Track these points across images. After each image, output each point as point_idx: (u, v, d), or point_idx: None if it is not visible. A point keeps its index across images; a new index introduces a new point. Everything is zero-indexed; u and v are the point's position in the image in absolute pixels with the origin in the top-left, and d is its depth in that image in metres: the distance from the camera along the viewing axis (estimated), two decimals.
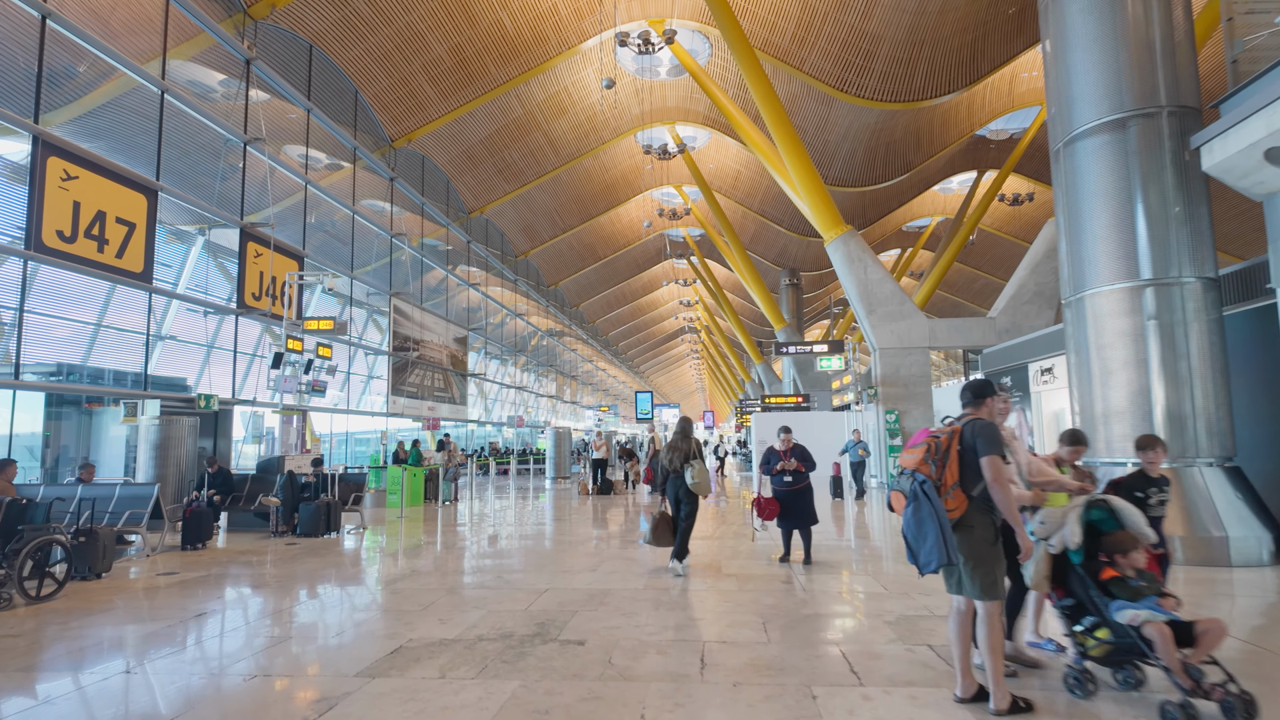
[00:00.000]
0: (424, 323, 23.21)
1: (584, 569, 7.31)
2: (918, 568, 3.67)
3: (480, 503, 15.27)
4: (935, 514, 3.58)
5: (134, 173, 12.92)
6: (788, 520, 7.54)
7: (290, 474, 10.29)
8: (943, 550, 3.55)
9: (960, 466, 3.59)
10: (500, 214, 28.36)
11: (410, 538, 9.99)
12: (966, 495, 3.58)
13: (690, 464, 6.95)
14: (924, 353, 17.21)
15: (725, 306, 36.77)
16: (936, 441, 3.69)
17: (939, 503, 3.59)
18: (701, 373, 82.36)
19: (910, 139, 25.26)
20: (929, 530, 3.61)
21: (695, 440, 7.27)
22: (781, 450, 7.67)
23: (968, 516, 3.58)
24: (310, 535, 9.93)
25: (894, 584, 6.47)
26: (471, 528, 11.05)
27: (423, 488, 14.52)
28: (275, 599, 6.20)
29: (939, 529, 3.56)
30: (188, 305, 15.43)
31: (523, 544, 9.17)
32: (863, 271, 17.28)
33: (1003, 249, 36.23)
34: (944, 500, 3.60)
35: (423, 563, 7.89)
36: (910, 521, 3.72)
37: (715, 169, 29.52)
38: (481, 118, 22.65)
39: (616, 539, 9.45)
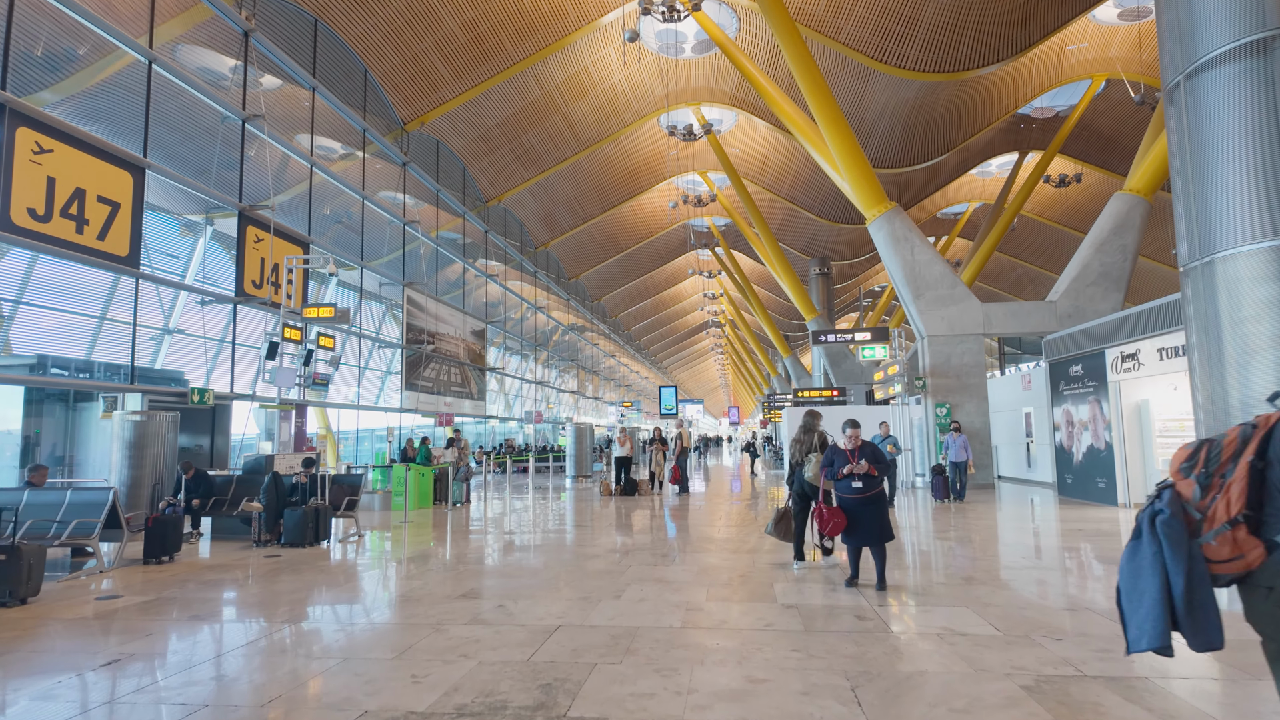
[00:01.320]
0: (440, 315, 21.96)
1: (606, 594, 5.88)
2: (1126, 641, 2.19)
3: (493, 505, 13.92)
4: (1166, 562, 2.08)
5: (117, 148, 11.73)
6: (857, 535, 6.03)
7: (275, 475, 8.99)
8: (1160, 625, 2.07)
9: (1257, 489, 2.06)
10: (519, 203, 27.05)
11: (406, 549, 8.63)
12: (1266, 539, 2.05)
13: (808, 458, 6.83)
14: (977, 340, 15.54)
15: (752, 298, 35.15)
16: (1213, 446, 2.17)
17: (1179, 545, 2.08)
18: (725, 368, 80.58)
19: (951, 115, 23.47)
20: (1148, 587, 2.11)
21: (821, 433, 7.02)
22: (848, 449, 6.17)
23: (1265, 573, 2.06)
24: (296, 545, 8.63)
25: (1004, 621, 4.95)
26: (478, 536, 9.68)
27: (431, 489, 13.20)
28: (211, 640, 4.84)
29: (1163, 589, 2.07)
30: (193, 296, 14.30)
31: (534, 558, 7.76)
32: (909, 252, 15.64)
33: (1044, 236, 34.14)
34: (1207, 542, 2.09)
35: (413, 584, 6.51)
36: (1125, 570, 2.23)
37: (741, 153, 27.93)
38: (498, 99, 21.33)
39: (645, 552, 8.00)
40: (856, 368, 26.48)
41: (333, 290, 19.99)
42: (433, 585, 6.40)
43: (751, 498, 14.68)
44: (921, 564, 7.11)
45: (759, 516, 11.33)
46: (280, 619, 5.30)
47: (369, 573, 7.09)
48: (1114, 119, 26.22)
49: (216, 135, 14.53)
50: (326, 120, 17.35)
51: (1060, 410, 13.46)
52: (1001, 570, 6.73)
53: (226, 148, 14.60)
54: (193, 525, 9.37)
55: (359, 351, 18.61)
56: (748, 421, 75.20)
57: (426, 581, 6.58)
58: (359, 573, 7.09)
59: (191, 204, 15.10)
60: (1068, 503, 12.48)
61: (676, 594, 5.88)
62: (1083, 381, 12.64)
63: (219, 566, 7.52)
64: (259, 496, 8.89)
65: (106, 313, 12.43)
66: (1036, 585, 6.08)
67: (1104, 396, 11.97)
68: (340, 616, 5.36)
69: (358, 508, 9.49)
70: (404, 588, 6.33)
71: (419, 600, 5.81)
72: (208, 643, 4.74)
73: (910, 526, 9.78)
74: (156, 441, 9.70)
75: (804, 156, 26.29)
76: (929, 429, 15.53)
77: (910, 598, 5.67)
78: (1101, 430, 12.07)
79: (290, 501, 9.18)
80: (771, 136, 26.38)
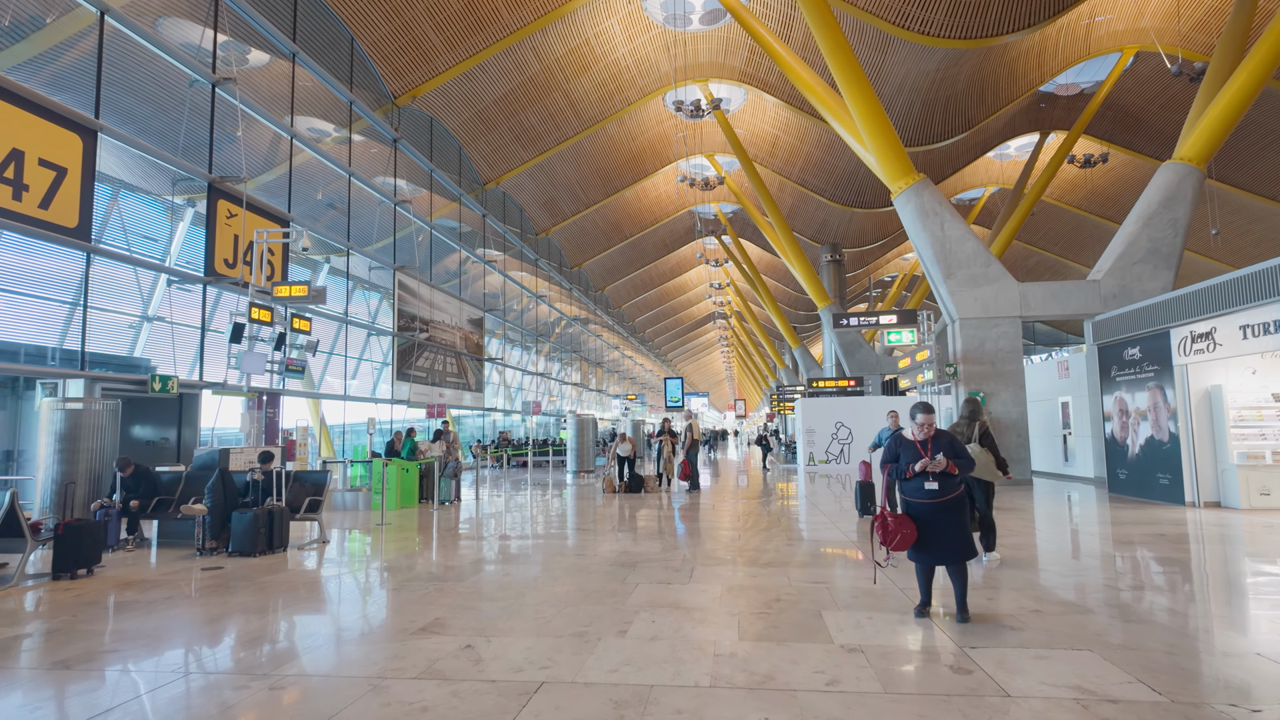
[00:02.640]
0: (434, 301, 20.56)
1: (608, 627, 4.48)
2: None
3: (485, 504, 12.54)
4: None
5: (62, 105, 10.33)
6: (930, 551, 4.61)
7: (223, 473, 7.60)
8: None
9: None
10: (518, 186, 25.60)
11: (373, 560, 7.24)
12: None
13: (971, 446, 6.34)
14: (1014, 323, 14.07)
15: (760, 288, 33.67)
16: None
17: None
18: (730, 360, 79.08)
19: (974, 91, 21.93)
20: None
21: (982, 422, 6.54)
22: (918, 439, 4.74)
23: None
24: (245, 554, 7.24)
25: (1156, 675, 3.52)
26: (461, 543, 8.28)
27: (417, 486, 11.82)
28: (52, 706, 3.45)
29: None
30: (174, 281, 12.93)
31: (522, 572, 6.36)
32: (939, 227, 14.17)
33: (1062, 222, 32.57)
34: None
35: (365, 611, 5.12)
36: None
37: (750, 135, 26.42)
38: (494, 73, 19.87)
39: (655, 564, 6.59)
40: (871, 357, 25.00)
41: (324, 277, 18.63)
42: (389, 612, 5.00)
43: (767, 495, 13.27)
44: (990, 581, 5.68)
45: (780, 518, 9.92)
46: (169, 669, 3.90)
47: (315, 594, 5.70)
48: (1141, 96, 24.64)
49: (185, 102, 13.15)
50: (309, 94, 15.93)
51: (1112, 398, 12.00)
52: (1103, 591, 5.31)
53: (195, 116, 13.23)
54: (129, 531, 7.99)
55: (345, 339, 17.24)
56: (753, 415, 73.75)
57: (384, 608, 5.18)
58: (303, 594, 5.70)
59: (171, 184, 13.74)
60: (1122, 501, 11.04)
61: (698, 628, 4.47)
62: (1140, 366, 11.18)
63: (139, 584, 6.14)
64: (205, 497, 7.51)
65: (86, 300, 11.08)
66: (1166, 615, 4.65)
67: (1168, 382, 10.51)
68: (249, 664, 3.96)
69: (322, 509, 8.10)
70: (351, 616, 4.93)
71: (365, 637, 4.41)
72: (46, 712, 3.34)
73: None
74: (93, 434, 8.32)
75: (816, 137, 24.79)
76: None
77: (1008, 635, 4.25)
78: (1164, 420, 10.61)
79: (243, 503, 7.81)
80: (782, 116, 24.88)
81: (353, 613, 5.03)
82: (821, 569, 6.21)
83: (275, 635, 4.52)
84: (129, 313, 12.75)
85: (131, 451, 12.88)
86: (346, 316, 17.08)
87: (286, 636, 4.50)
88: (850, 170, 25.84)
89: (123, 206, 13.53)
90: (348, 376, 17.25)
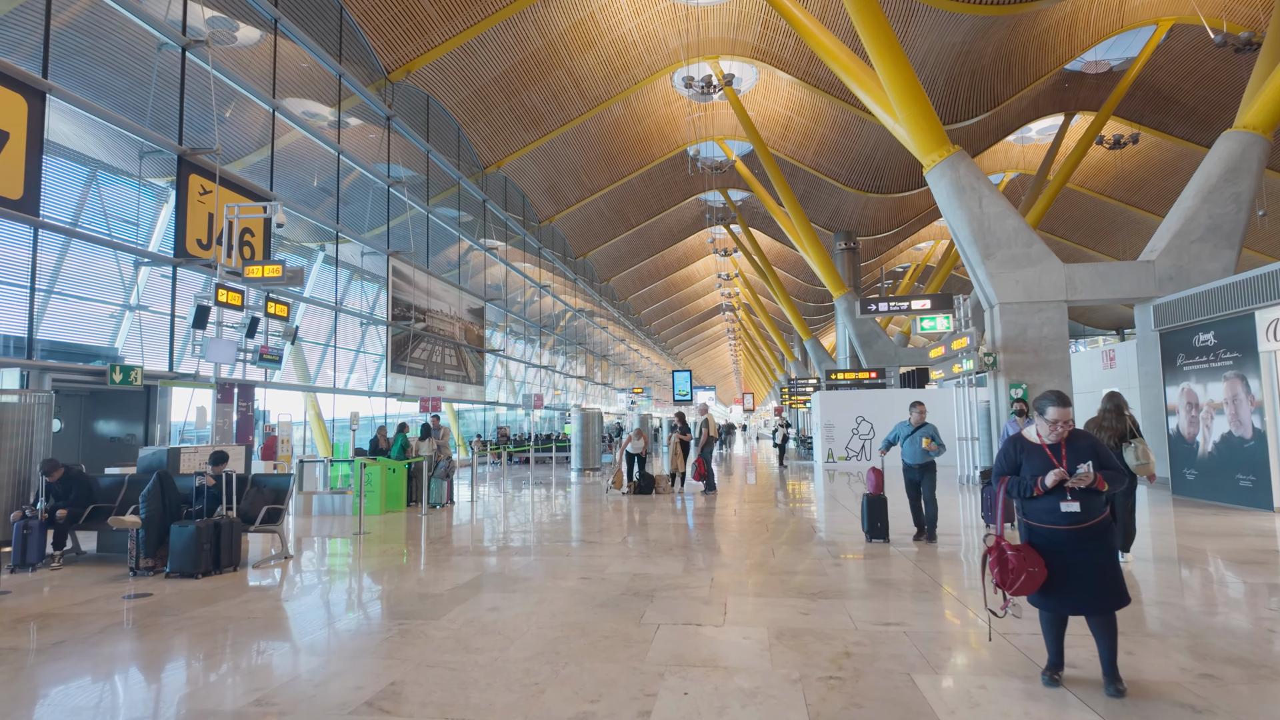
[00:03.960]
0: (432, 290, 19.28)
1: (624, 705, 3.19)
2: None
3: (480, 507, 11.27)
4: None
5: (3, 63, 9.07)
6: (1066, 595, 3.29)
7: (162, 477, 6.32)
8: None
9: None
10: (520, 171, 24.26)
11: (336, 585, 5.96)
12: None
13: (1130, 443, 5.76)
14: (1059, 308, 12.70)
15: (771, 278, 32.29)
16: None
17: None
18: (737, 353, 77.65)
19: (1000, 66, 20.49)
20: None
21: (1131, 416, 5.97)
22: (1046, 442, 3.43)
23: None
24: (187, 575, 5.98)
25: None
26: (445, 560, 7.00)
27: (405, 488, 10.54)
28: None
29: None
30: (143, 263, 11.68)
31: (511, 607, 5.07)
32: (976, 203, 12.79)
33: (1083, 209, 31.06)
34: None
35: (299, 668, 3.84)
36: None
37: (762, 117, 25.00)
38: (494, 48, 18.52)
39: (679, 595, 5.29)
40: (889, 348, 23.64)
41: (319, 268, 17.32)
42: (333, 670, 3.71)
43: (791, 497, 11.96)
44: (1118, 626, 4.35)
45: (814, 527, 8.61)
46: None
47: (244, 640, 4.41)
48: (1174, 74, 23.12)
49: (153, 68, 11.86)
50: (294, 65, 14.63)
51: (1177, 390, 10.64)
52: (1275, 639, 3.99)
53: (165, 83, 11.94)
54: (57, 544, 6.73)
55: (336, 330, 15.96)
56: (760, 409, 72.38)
57: (326, 659, 3.90)
58: (230, 639, 4.41)
59: (154, 166, 12.45)
60: (1194, 505, 9.68)
61: (752, 708, 3.16)
62: (1215, 354, 9.81)
63: (36, 618, 4.86)
64: (139, 507, 6.24)
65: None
66: None
67: (1251, 371, 9.15)
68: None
69: (283, 519, 6.82)
70: (279, 677, 3.64)
71: (298, 709, 3.13)
72: None
73: None
74: (19, 432, 7.07)
75: (831, 118, 23.38)
76: (1001, 416, 12.75)
77: (1188, 718, 2.94)
78: (1247, 414, 9.24)
79: (189, 512, 6.54)
80: (795, 97, 23.48)
81: (282, 672, 3.75)
82: (889, 602, 4.91)
83: (164, 713, 3.24)
84: (92, 298, 11.49)
85: (95, 450, 11.67)
86: (338, 305, 15.81)
87: (171, 714, 3.21)
88: (866, 153, 24.43)
89: (103, 190, 12.28)
90: (337, 368, 15.99)
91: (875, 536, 7.16)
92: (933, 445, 7.00)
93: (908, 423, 7.35)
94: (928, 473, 7.18)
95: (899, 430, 7.37)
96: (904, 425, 7.36)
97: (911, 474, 7.24)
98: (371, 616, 4.77)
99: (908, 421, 7.36)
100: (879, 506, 7.20)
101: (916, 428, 7.21)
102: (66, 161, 11.67)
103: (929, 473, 7.18)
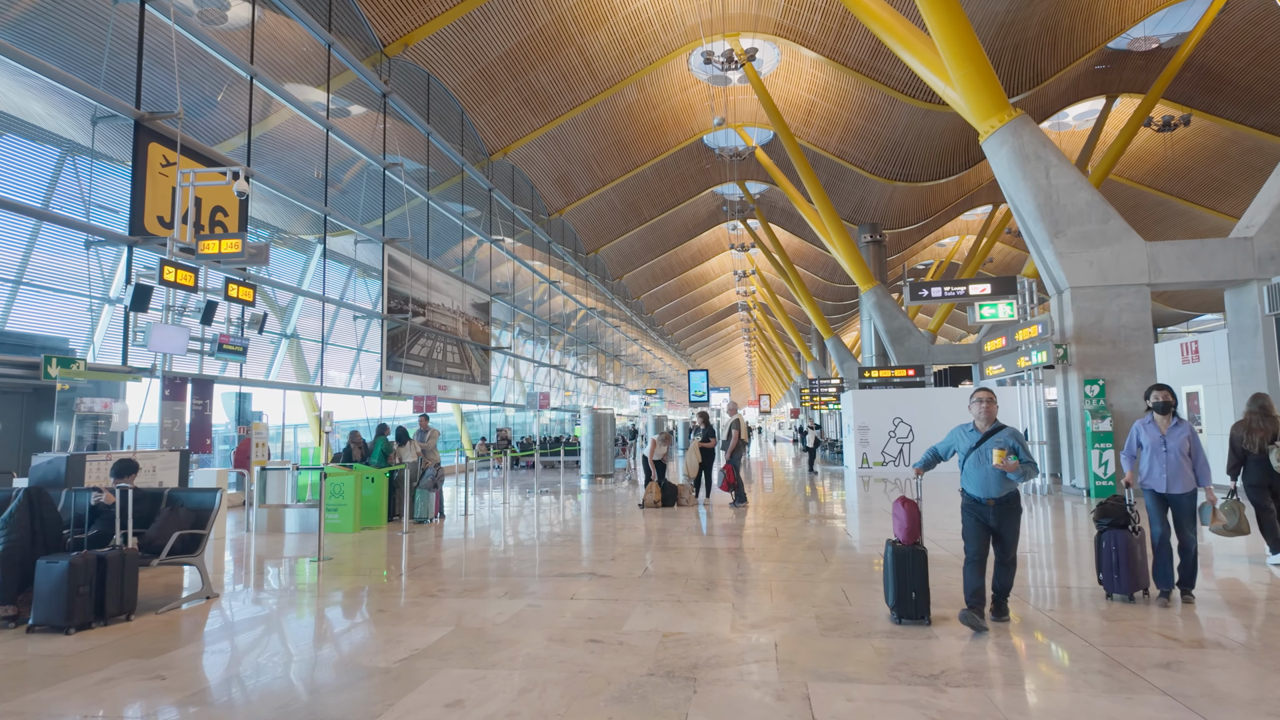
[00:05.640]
0: (432, 281, 17.67)
1: None
2: None
3: (475, 520, 9.59)
4: None
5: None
6: None
7: (33, 495, 4.67)
8: None
9: None
10: (528, 159, 22.65)
11: (256, 648, 4.27)
12: None
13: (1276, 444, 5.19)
14: (1140, 292, 10.86)
15: (791, 274, 30.49)
16: None
17: None
18: (752, 354, 75.69)
19: (1045, 40, 18.65)
20: None
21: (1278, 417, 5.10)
22: None
23: None
24: (56, 628, 4.33)
25: None
26: (414, 602, 5.31)
27: (385, 500, 8.87)
28: None
29: None
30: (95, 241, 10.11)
31: (485, 705, 3.36)
32: (1043, 174, 10.99)
33: (1119, 201, 28.96)
34: None
35: None
36: None
37: (783, 101, 23.25)
38: (499, 23, 16.91)
39: (732, 678, 3.57)
40: (922, 345, 21.78)
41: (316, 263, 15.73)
42: None
43: (836, 513, 10.21)
44: None
45: (868, 546, 6.86)
46: None
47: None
48: (1226, 52, 21.16)
49: (108, 24, 10.31)
50: (276, 34, 13.08)
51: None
52: None
53: (121, 42, 10.40)
54: None
55: (325, 322, 14.36)
56: (775, 410, 70.44)
57: None
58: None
59: (90, 124, 10.90)
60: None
61: None
62: None
63: None
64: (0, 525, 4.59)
65: None
66: None
67: None
68: None
69: (202, 547, 5.15)
70: None
71: None
72: None
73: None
74: None
75: (858, 101, 21.60)
76: (1073, 417, 10.92)
77: None
78: None
79: (75, 539, 4.90)
80: (819, 79, 21.72)
81: None
82: (1061, 696, 3.16)
83: None
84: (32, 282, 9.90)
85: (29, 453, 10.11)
86: (325, 295, 14.22)
87: None
88: (895, 138, 22.62)
89: (81, 173, 10.72)
90: (324, 365, 14.38)
91: (906, 616, 4.24)
92: (1012, 462, 4.02)
93: (968, 427, 4.39)
94: (1008, 513, 4.19)
95: (955, 439, 4.40)
96: (962, 431, 4.39)
97: (981, 512, 4.22)
98: (285, 705, 3.09)
99: (969, 425, 4.39)
100: (912, 565, 4.25)
101: (987, 433, 4.26)
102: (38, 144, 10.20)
103: (1010, 512, 4.20)
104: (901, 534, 4.38)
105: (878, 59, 19.07)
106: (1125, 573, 4.63)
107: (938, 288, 12.39)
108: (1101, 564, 4.78)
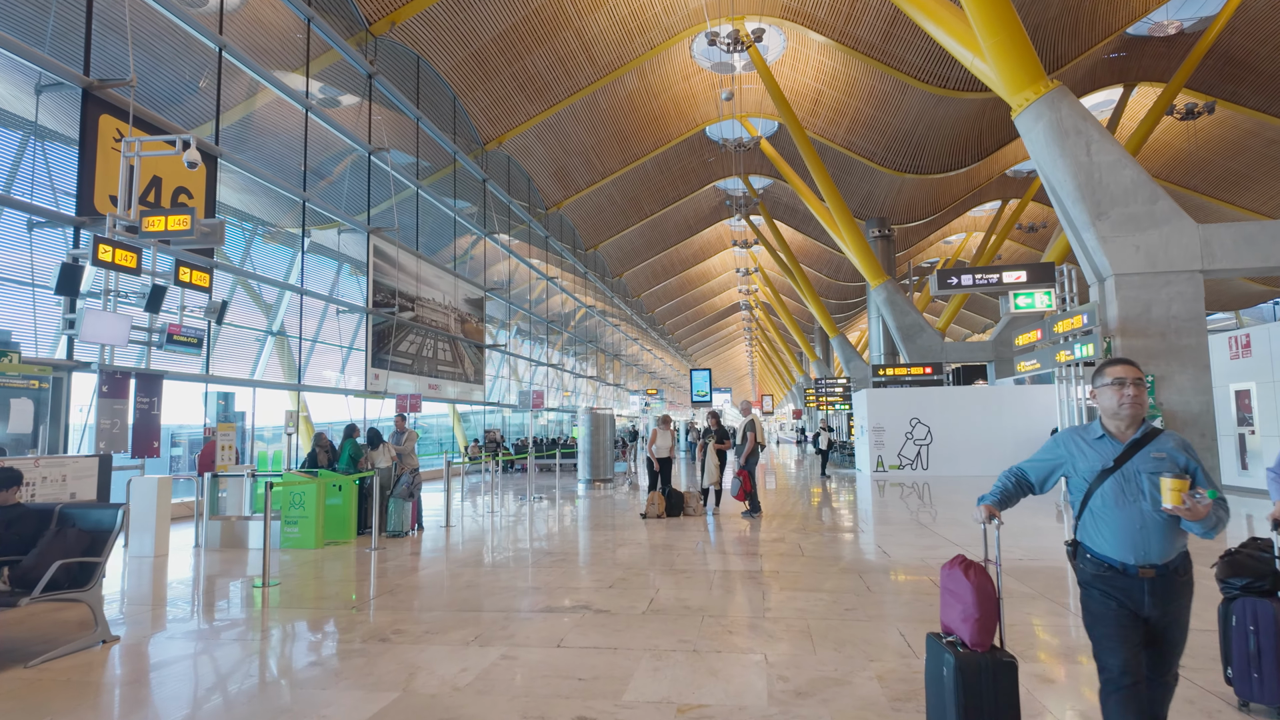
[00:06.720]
0: (421, 274, 16.58)
1: None
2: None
3: (457, 532, 8.49)
4: None
5: None
6: None
7: None
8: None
9: None
10: (525, 150, 21.57)
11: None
12: None
13: None
14: (1192, 279, 9.78)
15: (795, 271, 29.42)
16: None
17: None
18: (753, 354, 74.58)
19: (1066, 20, 17.60)
20: None
21: None
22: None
23: None
24: None
25: None
26: (361, 650, 4.21)
27: (354, 512, 7.76)
28: None
29: None
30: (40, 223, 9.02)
31: None
32: (1083, 150, 9.91)
33: None
34: None
35: None
36: None
37: (789, 90, 22.16)
38: (493, 3, 15.86)
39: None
40: (935, 342, 20.70)
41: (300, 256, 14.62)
42: None
43: (862, 524, 9.11)
44: None
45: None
46: None
47: None
48: (1252, 37, 20.09)
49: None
50: (252, 4, 12.01)
51: None
52: None
53: (71, 6, 9.31)
54: None
55: (301, 312, 13.26)
56: (777, 411, 69.28)
57: None
58: None
59: (34, 92, 9.81)
60: None
61: None
62: None
63: None
64: None
65: None
66: None
67: None
68: None
69: (94, 580, 4.06)
70: None
71: None
72: None
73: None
74: None
75: (866, 90, 20.53)
76: None
77: None
78: None
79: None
80: (827, 67, 20.65)
81: None
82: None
83: None
84: None
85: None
86: (306, 290, 13.12)
87: None
88: (905, 128, 21.56)
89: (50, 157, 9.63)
90: (304, 361, 13.28)
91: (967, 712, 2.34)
92: (1203, 504, 2.02)
93: (1091, 431, 2.27)
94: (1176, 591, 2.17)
95: (1063, 454, 2.32)
96: (1076, 441, 2.29)
97: (1128, 591, 2.15)
98: None
99: (1090, 429, 2.28)
100: (993, 691, 2.31)
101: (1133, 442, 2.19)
102: None
103: (1179, 590, 2.18)
104: (967, 630, 2.36)
105: (890, 42, 18.01)
106: (1275, 669, 2.77)
107: (967, 275, 11.29)
108: (1233, 652, 2.92)
